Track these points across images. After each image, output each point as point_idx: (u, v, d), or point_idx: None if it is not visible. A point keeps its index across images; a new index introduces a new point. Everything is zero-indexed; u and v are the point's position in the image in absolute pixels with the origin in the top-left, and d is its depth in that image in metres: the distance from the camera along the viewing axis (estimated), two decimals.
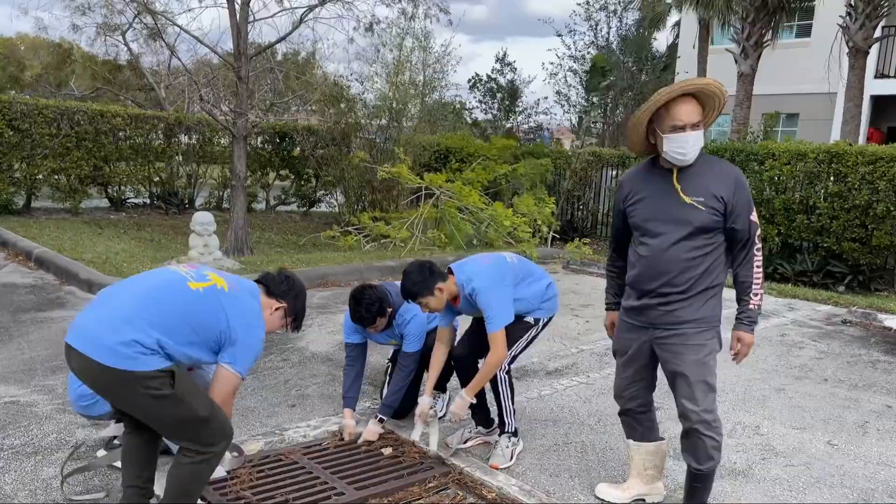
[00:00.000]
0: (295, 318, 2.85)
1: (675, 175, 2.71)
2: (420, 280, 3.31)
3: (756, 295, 2.74)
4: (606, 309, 3.19)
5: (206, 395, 2.55)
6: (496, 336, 3.28)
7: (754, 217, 2.74)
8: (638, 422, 3.03)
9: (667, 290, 2.72)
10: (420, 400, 3.54)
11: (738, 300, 2.79)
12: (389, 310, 3.66)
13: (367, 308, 3.57)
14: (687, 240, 2.68)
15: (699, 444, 2.72)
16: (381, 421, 3.71)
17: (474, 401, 3.46)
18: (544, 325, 3.66)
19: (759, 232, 2.76)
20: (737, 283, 2.79)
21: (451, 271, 3.43)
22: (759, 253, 2.75)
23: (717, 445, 2.73)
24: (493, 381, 3.44)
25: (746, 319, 2.75)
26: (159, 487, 2.74)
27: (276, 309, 2.76)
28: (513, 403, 3.51)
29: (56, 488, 3.03)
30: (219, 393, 2.57)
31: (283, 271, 2.88)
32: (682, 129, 2.61)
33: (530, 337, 3.59)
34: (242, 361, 2.57)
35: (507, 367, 3.48)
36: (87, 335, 2.37)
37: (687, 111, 2.62)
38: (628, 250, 2.94)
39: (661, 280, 2.72)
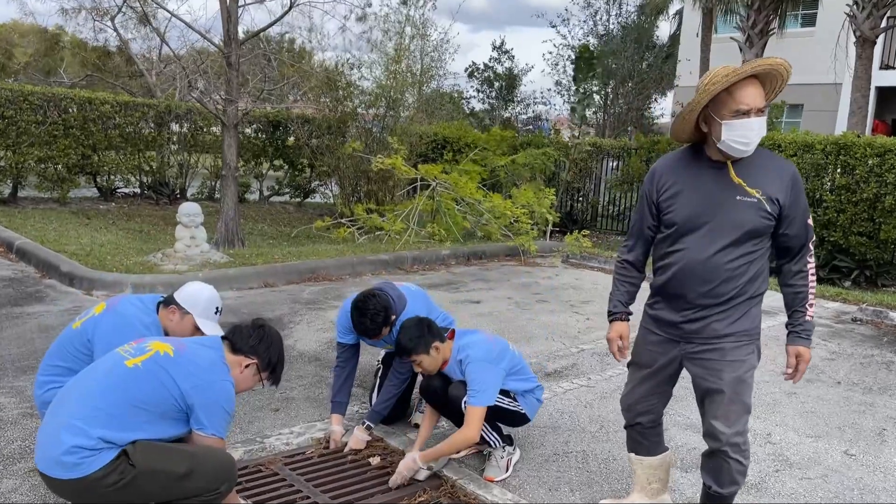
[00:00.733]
0: (271, 371, 2.63)
1: (730, 169, 2.40)
2: (417, 336, 3.09)
3: (811, 305, 2.48)
4: (614, 319, 2.67)
5: (176, 449, 2.39)
6: (474, 411, 3.00)
7: (810, 221, 2.47)
8: (644, 436, 2.78)
9: (706, 301, 2.42)
10: (407, 456, 3.18)
11: (792, 312, 2.51)
12: (393, 317, 3.44)
13: (373, 319, 3.34)
14: (734, 246, 2.39)
15: (724, 467, 2.47)
16: (368, 428, 3.49)
17: (425, 468, 3.14)
18: (522, 415, 3.27)
19: (813, 238, 2.49)
20: (790, 292, 2.50)
21: (452, 335, 3.23)
22: (812, 260, 2.49)
23: (743, 470, 2.49)
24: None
25: (805, 333, 2.47)
26: None
27: (247, 366, 2.56)
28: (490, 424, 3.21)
29: (15, 502, 2.80)
30: None
31: (256, 321, 2.66)
32: (747, 114, 2.30)
33: (505, 402, 3.19)
34: (214, 423, 2.42)
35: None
36: (40, 452, 2.31)
37: (753, 94, 2.32)
38: (652, 249, 2.61)
39: (701, 289, 2.42)
